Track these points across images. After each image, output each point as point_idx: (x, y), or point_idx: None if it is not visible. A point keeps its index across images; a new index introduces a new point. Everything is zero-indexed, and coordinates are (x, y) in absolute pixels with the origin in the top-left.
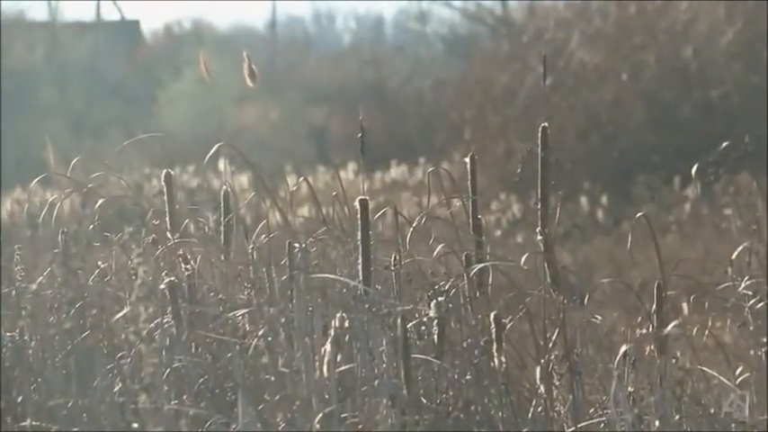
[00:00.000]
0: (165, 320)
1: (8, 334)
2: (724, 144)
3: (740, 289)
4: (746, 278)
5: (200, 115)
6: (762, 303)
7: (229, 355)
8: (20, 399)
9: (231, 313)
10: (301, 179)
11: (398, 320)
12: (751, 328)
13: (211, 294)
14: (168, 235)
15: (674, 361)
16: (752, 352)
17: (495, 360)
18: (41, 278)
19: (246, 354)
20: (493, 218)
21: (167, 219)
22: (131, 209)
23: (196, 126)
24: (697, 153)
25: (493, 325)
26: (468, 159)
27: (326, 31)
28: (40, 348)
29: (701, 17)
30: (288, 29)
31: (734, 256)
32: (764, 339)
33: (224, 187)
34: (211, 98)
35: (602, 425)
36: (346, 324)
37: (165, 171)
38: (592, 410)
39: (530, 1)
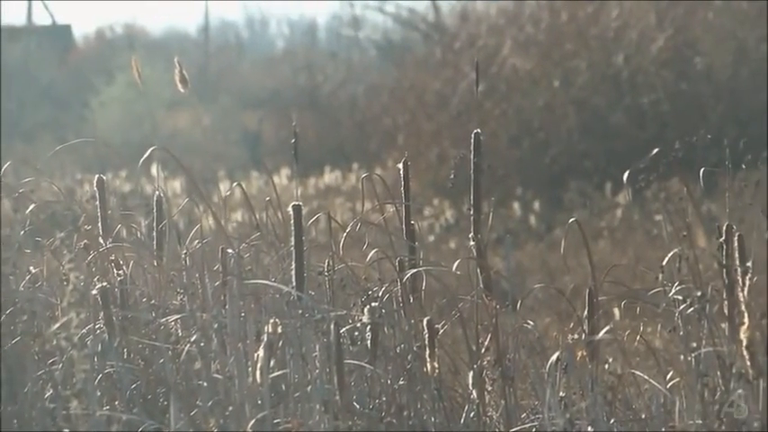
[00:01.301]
0: (97, 326)
1: None
2: (654, 150)
3: (671, 294)
4: (677, 284)
5: (132, 120)
6: (692, 309)
7: (162, 360)
8: None
9: (164, 319)
10: (234, 184)
11: (332, 326)
12: (681, 333)
13: (144, 300)
14: (100, 240)
15: (605, 366)
16: (682, 357)
17: (428, 365)
18: None
19: (179, 359)
20: (426, 223)
21: (99, 224)
22: (63, 214)
23: (128, 131)
24: (628, 159)
25: (426, 330)
26: (401, 165)
27: (259, 36)
28: None
29: (632, 24)
30: (221, 33)
31: (664, 262)
32: (694, 344)
33: (157, 192)
34: (144, 103)
35: (534, 429)
36: (279, 330)
37: (97, 176)
38: (524, 415)
39: (464, 0)
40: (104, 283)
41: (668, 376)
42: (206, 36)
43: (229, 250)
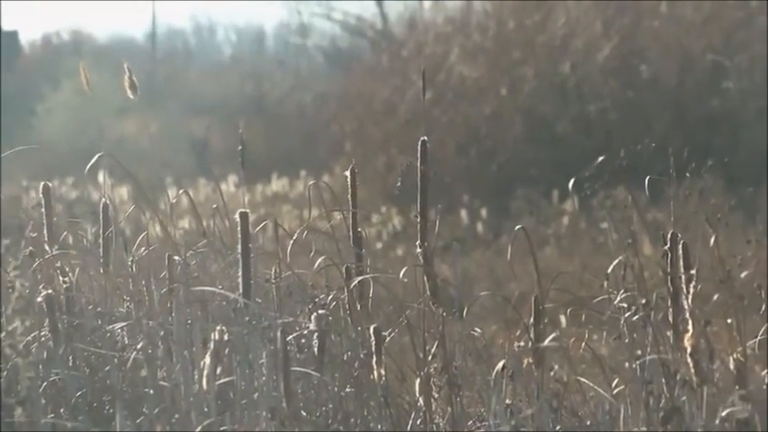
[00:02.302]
0: (42, 333)
1: None
2: (600, 158)
3: (616, 302)
4: (622, 291)
5: (79, 126)
6: (637, 316)
7: (108, 367)
8: None
9: (110, 326)
10: (181, 192)
11: (278, 333)
12: (626, 340)
13: (90, 307)
14: (46, 247)
15: (551, 373)
16: (627, 364)
17: (375, 372)
18: None
19: (125, 367)
20: (374, 231)
21: (45, 231)
22: (9, 221)
23: (75, 138)
24: (575, 167)
25: (373, 337)
26: (348, 172)
27: (207, 44)
28: None
29: (579, 33)
30: (168, 40)
31: (610, 270)
32: (639, 352)
33: (103, 199)
34: (91, 109)
35: None
36: (226, 337)
37: (43, 183)
38: (470, 422)
39: (411, 0)
40: (50, 291)
41: (613, 383)
42: (153, 43)
43: (176, 257)
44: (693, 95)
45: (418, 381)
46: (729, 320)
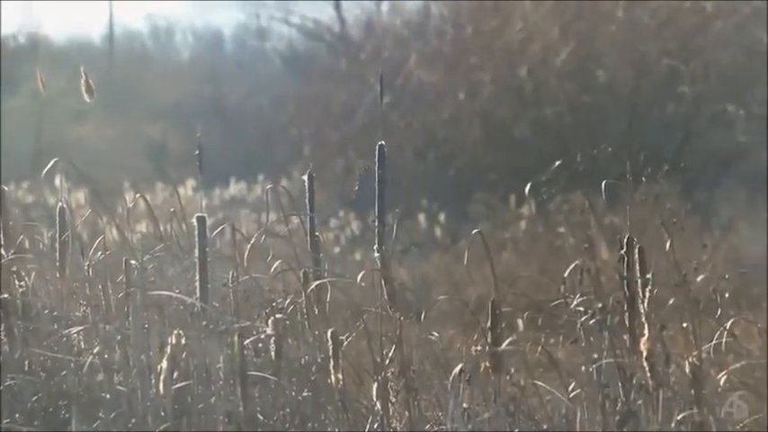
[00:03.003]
0: None
1: None
2: (557, 163)
3: (572, 306)
4: (579, 295)
5: (35, 130)
6: (593, 320)
7: (64, 372)
8: None
9: (66, 330)
10: (138, 195)
11: (236, 338)
12: (583, 344)
13: (46, 311)
14: (2, 251)
15: (508, 377)
16: (584, 368)
17: (332, 377)
18: None
19: (81, 371)
20: (331, 235)
21: (1, 235)
22: None
23: (32, 141)
24: (532, 171)
25: (330, 342)
26: (306, 176)
27: (165, 46)
28: None
29: (536, 38)
30: (125, 43)
31: (566, 274)
32: (596, 355)
33: (60, 203)
34: (48, 113)
35: None
36: (183, 341)
37: None
38: (428, 426)
39: (368, 0)
40: (5, 295)
41: (570, 387)
42: (111, 45)
43: (133, 262)
44: (649, 100)
45: (375, 385)
46: (685, 324)
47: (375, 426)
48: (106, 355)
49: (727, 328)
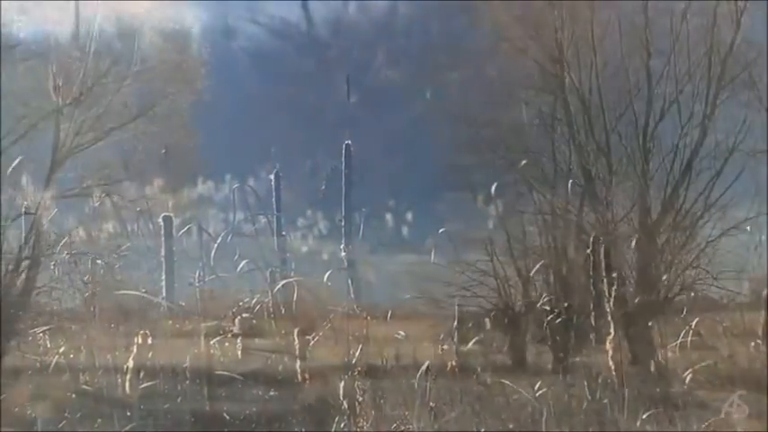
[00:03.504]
0: None
1: None
2: (523, 162)
3: (539, 305)
4: (545, 295)
5: (3, 130)
6: (560, 319)
7: (30, 372)
8: None
9: (32, 330)
10: (104, 195)
11: (202, 337)
12: (550, 342)
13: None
14: None
15: (475, 376)
16: (550, 366)
17: (299, 376)
18: None
19: (47, 371)
20: (298, 234)
21: None
22: None
23: None
24: (499, 172)
25: (296, 341)
26: (273, 176)
27: (132, 46)
28: None
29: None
30: (93, 42)
31: (532, 273)
32: (562, 354)
33: (26, 203)
34: (15, 112)
35: None
36: (150, 341)
37: None
38: (394, 426)
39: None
40: None
41: (536, 386)
42: (78, 44)
43: (99, 260)
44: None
45: (342, 383)
46: (651, 323)
47: (342, 425)
48: (72, 355)
49: (692, 327)
